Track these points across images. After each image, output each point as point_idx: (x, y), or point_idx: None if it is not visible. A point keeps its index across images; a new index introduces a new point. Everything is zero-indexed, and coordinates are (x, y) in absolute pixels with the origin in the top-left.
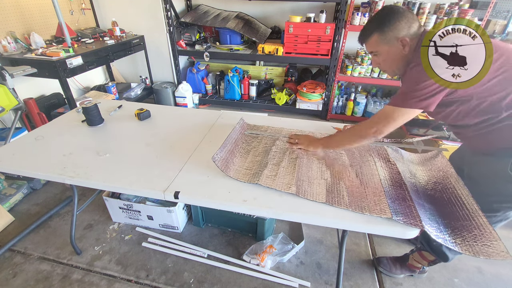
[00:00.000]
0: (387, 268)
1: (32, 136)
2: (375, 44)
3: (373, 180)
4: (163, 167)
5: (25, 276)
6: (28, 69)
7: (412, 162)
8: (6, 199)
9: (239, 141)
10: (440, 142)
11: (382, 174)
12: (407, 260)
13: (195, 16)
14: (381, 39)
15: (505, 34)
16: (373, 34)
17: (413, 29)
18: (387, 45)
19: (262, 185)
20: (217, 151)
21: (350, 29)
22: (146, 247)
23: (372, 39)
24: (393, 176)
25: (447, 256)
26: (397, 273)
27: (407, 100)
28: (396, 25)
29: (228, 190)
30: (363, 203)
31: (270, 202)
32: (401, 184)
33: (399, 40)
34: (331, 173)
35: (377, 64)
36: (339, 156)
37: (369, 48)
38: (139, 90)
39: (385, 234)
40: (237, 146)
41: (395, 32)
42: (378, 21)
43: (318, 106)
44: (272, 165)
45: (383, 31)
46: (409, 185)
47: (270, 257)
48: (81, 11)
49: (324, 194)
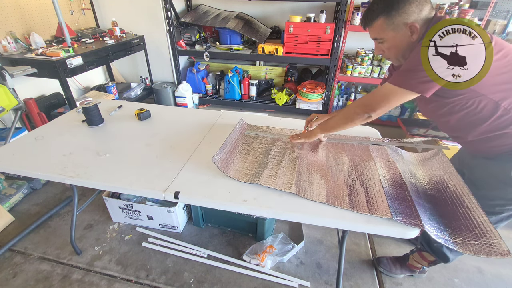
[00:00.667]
0: (387, 268)
1: (32, 136)
2: (380, 29)
3: (373, 180)
4: (163, 167)
5: (25, 276)
6: (28, 69)
7: (412, 162)
8: (6, 199)
9: (239, 141)
10: (440, 142)
11: (382, 174)
12: (407, 260)
13: (195, 16)
14: (387, 24)
15: (505, 34)
16: (378, 18)
17: (424, 13)
18: (394, 31)
19: (262, 185)
20: (217, 152)
21: (350, 29)
22: (146, 247)
23: (377, 23)
24: (393, 176)
25: (448, 257)
26: (397, 273)
27: (407, 81)
28: (405, 8)
29: (228, 190)
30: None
31: (270, 202)
32: (401, 184)
33: (407, 26)
34: (331, 173)
35: (381, 51)
36: (339, 156)
37: (373, 34)
38: (139, 90)
39: (385, 234)
40: (237, 146)
41: (404, 16)
42: (385, 3)
43: (318, 106)
44: (272, 165)
45: (390, 15)
46: (409, 185)
47: (270, 257)
48: (81, 11)
49: (324, 194)
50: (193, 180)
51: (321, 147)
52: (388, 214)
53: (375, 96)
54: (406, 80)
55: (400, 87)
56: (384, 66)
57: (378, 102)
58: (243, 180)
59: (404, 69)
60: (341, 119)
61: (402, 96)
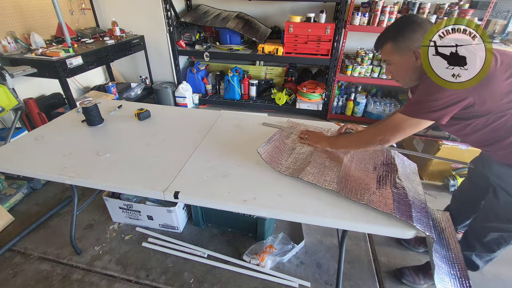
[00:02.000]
0: (410, 280)
1: (32, 136)
2: (388, 52)
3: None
4: (163, 167)
5: (25, 276)
6: (28, 69)
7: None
8: (6, 199)
9: (283, 138)
10: (440, 142)
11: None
12: (429, 269)
13: (195, 16)
14: (394, 49)
15: (505, 34)
16: (387, 43)
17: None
18: (400, 55)
19: (303, 179)
20: (262, 144)
21: (350, 29)
22: (146, 247)
23: (385, 47)
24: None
25: (477, 265)
26: (421, 283)
27: (419, 110)
28: (410, 36)
29: (228, 190)
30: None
31: (270, 202)
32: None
33: (412, 51)
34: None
35: (390, 72)
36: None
37: (383, 56)
38: (139, 90)
39: (385, 234)
40: (282, 142)
41: (409, 43)
42: (393, 30)
43: (318, 106)
44: (316, 163)
45: (397, 41)
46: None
47: (270, 257)
48: (81, 11)
49: (367, 195)
50: (193, 180)
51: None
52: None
53: (389, 127)
54: (419, 109)
55: (413, 117)
56: (384, 66)
57: (393, 133)
58: (285, 173)
59: (416, 99)
60: (353, 143)
61: (416, 126)
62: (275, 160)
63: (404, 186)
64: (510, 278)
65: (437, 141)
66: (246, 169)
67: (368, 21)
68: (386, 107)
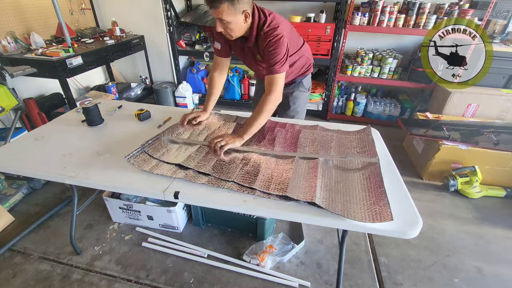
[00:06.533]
0: None
1: (32, 136)
2: (224, 12)
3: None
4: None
5: (25, 276)
6: (28, 69)
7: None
8: (6, 199)
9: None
10: (440, 142)
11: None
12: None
13: (195, 16)
14: (230, 9)
15: (505, 34)
16: (224, 3)
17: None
18: (234, 15)
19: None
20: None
21: (350, 29)
22: (146, 247)
23: (222, 7)
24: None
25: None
26: None
27: (281, 67)
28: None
29: (228, 190)
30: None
31: (270, 202)
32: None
33: (242, 12)
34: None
35: (222, 28)
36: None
37: (218, 15)
38: (139, 90)
39: (385, 234)
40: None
41: (242, 5)
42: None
43: (318, 106)
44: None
45: (233, 3)
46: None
47: (270, 257)
48: (81, 11)
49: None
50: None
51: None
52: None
53: (276, 86)
54: (281, 67)
55: (283, 72)
56: (384, 66)
57: (280, 87)
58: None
59: (275, 61)
60: (263, 116)
61: (283, 78)
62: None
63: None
64: (510, 278)
65: (437, 141)
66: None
67: (368, 21)
68: (386, 107)
